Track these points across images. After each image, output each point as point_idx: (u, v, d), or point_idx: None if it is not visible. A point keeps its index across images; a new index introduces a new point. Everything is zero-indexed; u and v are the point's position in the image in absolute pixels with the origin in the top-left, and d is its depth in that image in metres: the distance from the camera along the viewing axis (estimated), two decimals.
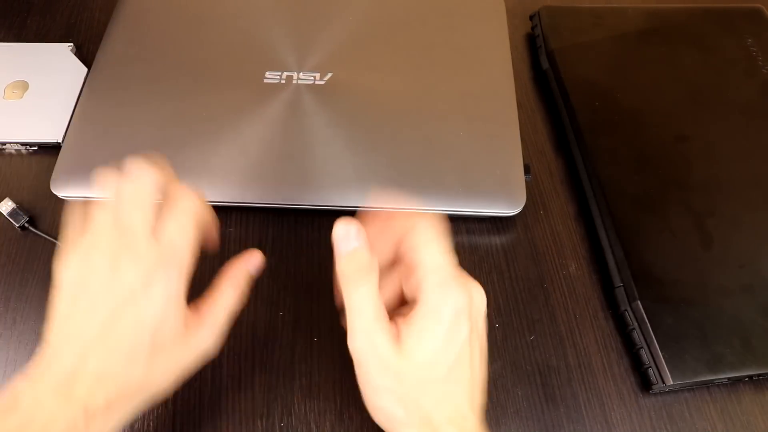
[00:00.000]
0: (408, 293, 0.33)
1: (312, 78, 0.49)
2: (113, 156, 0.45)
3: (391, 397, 0.31)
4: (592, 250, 0.46)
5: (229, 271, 0.35)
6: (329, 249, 0.45)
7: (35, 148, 0.50)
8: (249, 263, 0.36)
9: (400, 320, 0.31)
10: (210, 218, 0.35)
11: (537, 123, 0.53)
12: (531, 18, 0.58)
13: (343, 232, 0.33)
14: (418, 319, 0.30)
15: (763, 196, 0.46)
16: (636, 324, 0.41)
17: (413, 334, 0.30)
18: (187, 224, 0.32)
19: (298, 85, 0.49)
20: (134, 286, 0.31)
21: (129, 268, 0.31)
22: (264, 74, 0.49)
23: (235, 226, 0.46)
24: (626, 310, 0.41)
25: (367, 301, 0.31)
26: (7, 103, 0.51)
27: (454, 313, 0.30)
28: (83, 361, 0.30)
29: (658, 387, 0.39)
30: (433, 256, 0.31)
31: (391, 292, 0.33)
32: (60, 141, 0.48)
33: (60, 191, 0.45)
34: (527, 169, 0.46)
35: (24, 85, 0.51)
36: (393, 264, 0.34)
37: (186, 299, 0.32)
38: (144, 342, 0.31)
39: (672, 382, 0.38)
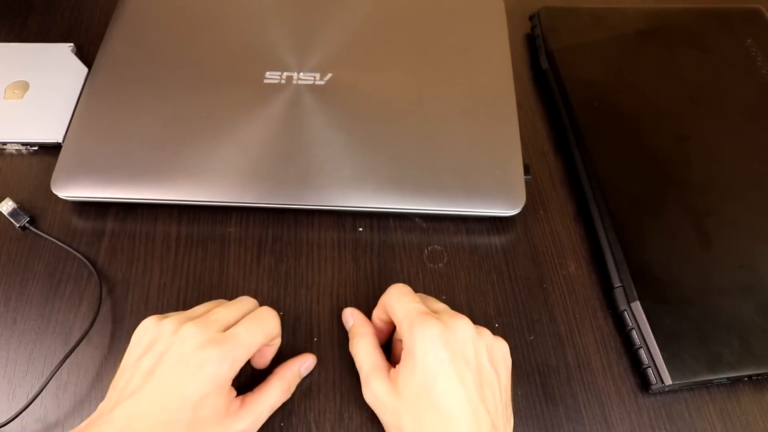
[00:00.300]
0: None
1: (312, 78, 0.49)
2: (114, 156, 0.45)
3: None
4: (592, 250, 0.46)
5: (282, 370, 0.38)
6: (329, 249, 0.45)
7: (36, 148, 0.50)
8: (303, 365, 0.39)
9: (398, 365, 0.36)
10: (274, 340, 0.38)
11: (537, 123, 0.53)
12: (531, 18, 0.58)
13: (345, 316, 0.42)
14: (402, 360, 0.35)
15: (763, 196, 0.46)
16: (635, 324, 0.41)
17: (400, 374, 0.35)
18: (256, 328, 0.36)
19: (298, 85, 0.49)
20: (188, 354, 0.33)
21: (188, 337, 0.33)
22: (264, 74, 0.49)
23: (235, 226, 0.46)
24: (625, 310, 0.41)
25: (364, 356, 0.37)
26: (7, 103, 0.51)
27: (427, 346, 0.34)
28: (131, 425, 0.32)
29: (657, 387, 0.39)
30: (401, 307, 0.36)
31: (400, 346, 0.37)
32: (60, 141, 0.48)
33: (60, 191, 0.45)
34: (527, 169, 0.46)
35: (24, 85, 0.52)
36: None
37: (235, 389, 0.35)
38: (184, 416, 0.32)
39: (671, 382, 0.38)
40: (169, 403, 0.32)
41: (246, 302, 0.39)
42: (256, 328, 0.36)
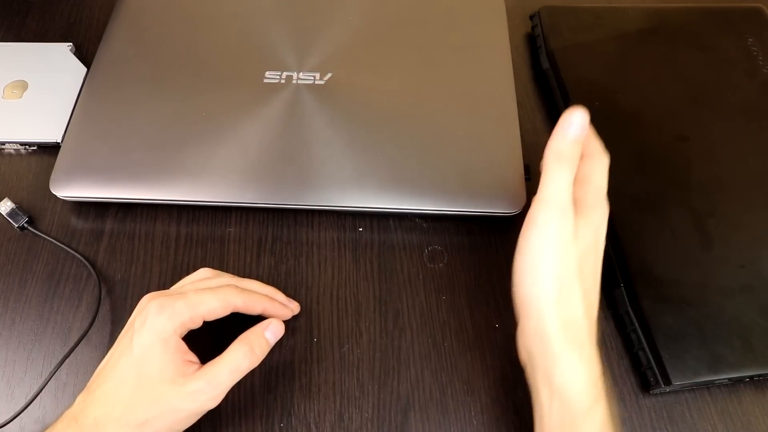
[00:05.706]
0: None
1: (312, 78, 0.49)
2: (113, 156, 0.45)
3: (556, 275, 0.33)
4: None
5: (245, 333, 0.37)
6: (329, 249, 0.45)
7: (34, 147, 0.50)
8: (268, 329, 0.37)
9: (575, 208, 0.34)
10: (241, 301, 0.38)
11: (537, 123, 0.53)
12: (531, 18, 0.58)
13: (570, 119, 0.35)
14: (587, 210, 0.34)
15: (763, 196, 0.45)
16: (636, 324, 0.40)
17: (582, 224, 0.33)
18: (209, 292, 0.36)
19: (297, 85, 0.49)
20: (136, 315, 0.35)
21: (143, 306, 0.36)
22: (264, 74, 0.49)
23: (235, 226, 0.46)
24: (626, 310, 0.41)
25: (562, 187, 0.33)
26: (6, 102, 0.50)
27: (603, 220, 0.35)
28: (89, 387, 0.34)
29: (658, 388, 0.39)
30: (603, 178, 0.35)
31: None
32: (59, 141, 0.48)
33: (59, 191, 0.45)
34: (527, 170, 0.46)
35: (23, 85, 0.51)
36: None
37: (199, 359, 0.35)
38: (131, 374, 0.33)
39: (672, 383, 0.38)
40: (119, 362, 0.34)
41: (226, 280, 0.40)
42: (209, 292, 0.36)
